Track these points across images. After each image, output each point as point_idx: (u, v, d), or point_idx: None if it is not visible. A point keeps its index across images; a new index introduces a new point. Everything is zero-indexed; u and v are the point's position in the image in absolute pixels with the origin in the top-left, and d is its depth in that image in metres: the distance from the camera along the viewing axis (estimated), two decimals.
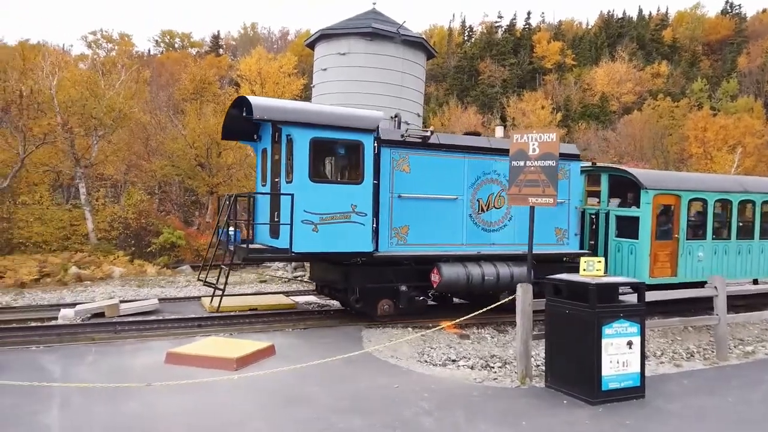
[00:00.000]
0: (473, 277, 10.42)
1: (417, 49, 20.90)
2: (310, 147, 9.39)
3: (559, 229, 11.71)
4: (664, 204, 12.45)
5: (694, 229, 12.96)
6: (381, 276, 10.29)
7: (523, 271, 10.70)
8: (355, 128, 9.72)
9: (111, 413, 5.70)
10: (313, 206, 9.34)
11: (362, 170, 9.75)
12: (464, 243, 10.91)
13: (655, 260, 11.90)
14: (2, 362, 7.42)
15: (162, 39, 72.84)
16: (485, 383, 7.22)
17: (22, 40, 30.40)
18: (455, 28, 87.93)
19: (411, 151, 10.41)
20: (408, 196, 10.31)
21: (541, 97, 59.36)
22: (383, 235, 10.16)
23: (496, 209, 11.23)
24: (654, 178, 12.42)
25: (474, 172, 11.01)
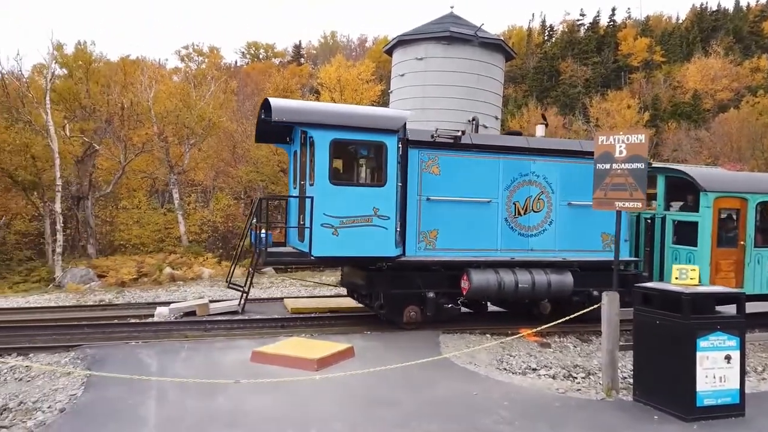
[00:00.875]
0: (505, 284, 9.94)
1: (495, 51, 20.63)
2: (330, 148, 9.19)
3: (606, 234, 10.95)
4: (727, 208, 11.34)
5: (765, 236, 11.74)
6: (407, 282, 9.98)
7: (563, 279, 10.30)
8: (378, 129, 9.43)
9: (203, 407, 6.03)
10: (333, 209, 9.13)
11: (385, 172, 9.45)
12: (499, 248, 10.44)
13: (717, 270, 10.88)
14: (106, 355, 8.03)
15: (247, 50, 76.10)
16: (568, 394, 7.00)
17: (123, 56, 32.78)
18: (535, 28, 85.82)
19: (441, 152, 10.08)
20: (437, 199, 10.00)
21: (627, 96, 56.70)
22: (410, 239, 9.90)
23: (534, 213, 10.65)
24: (715, 180, 11.39)
25: (510, 174, 10.51)
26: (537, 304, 10.84)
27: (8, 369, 7.76)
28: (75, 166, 22.26)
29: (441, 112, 19.54)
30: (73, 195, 22.69)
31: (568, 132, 55.20)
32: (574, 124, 55.04)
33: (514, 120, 57.29)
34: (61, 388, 6.70)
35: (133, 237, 21.86)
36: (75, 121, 22.53)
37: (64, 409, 6.01)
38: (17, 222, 24.04)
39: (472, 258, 10.14)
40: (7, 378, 7.54)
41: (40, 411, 6.07)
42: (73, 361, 7.92)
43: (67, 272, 18.43)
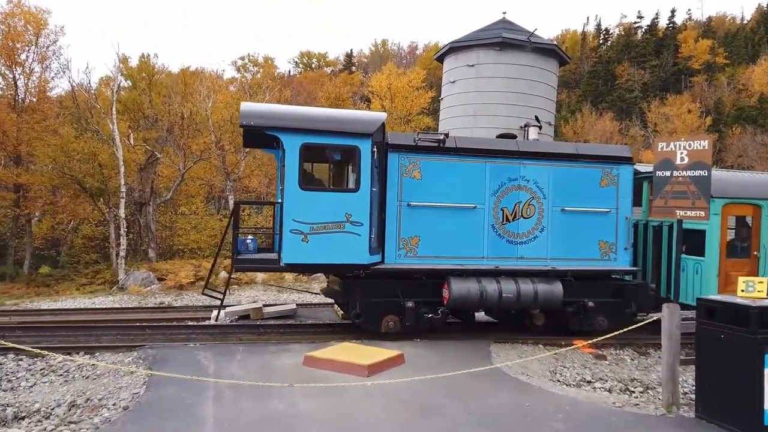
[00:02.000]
0: (488, 294, 9.49)
1: (548, 56, 20.32)
2: (301, 153, 8.94)
3: (603, 242, 10.42)
4: (738, 215, 10.58)
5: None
6: (386, 290, 9.65)
7: (552, 289, 9.78)
8: (351, 132, 9.12)
9: (257, 409, 6.17)
10: (302, 215, 8.89)
11: (359, 177, 9.14)
12: (485, 256, 10.01)
13: (727, 282, 10.12)
14: (166, 356, 8.35)
15: (300, 60, 77.65)
16: (625, 408, 6.78)
17: (183, 68, 34.10)
18: (589, 31, 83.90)
19: (423, 156, 9.76)
20: (418, 205, 9.69)
21: (688, 100, 54.56)
22: (390, 246, 9.62)
23: (524, 219, 10.17)
24: (724, 184, 10.57)
25: (497, 178, 10.09)
26: (530, 315, 10.44)
27: (76, 367, 8.18)
28: (138, 173, 23.30)
29: (493, 119, 19.39)
30: (136, 201, 23.75)
31: (624, 138, 53.63)
32: (631, 130, 53.45)
33: (567, 126, 56.13)
34: (125, 387, 7.01)
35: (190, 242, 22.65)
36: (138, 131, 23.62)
37: (127, 407, 6.28)
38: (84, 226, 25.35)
39: (455, 266, 9.75)
40: (75, 375, 7.94)
41: (105, 408, 6.36)
42: (136, 361, 8.26)
43: (130, 275, 19.27)
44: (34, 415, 6.33)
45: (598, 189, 10.42)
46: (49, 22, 29.36)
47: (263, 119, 9.20)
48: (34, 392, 7.27)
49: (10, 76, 28.95)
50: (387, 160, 9.66)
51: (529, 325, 10.46)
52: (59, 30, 29.90)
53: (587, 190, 10.39)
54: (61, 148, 25.28)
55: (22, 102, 28.69)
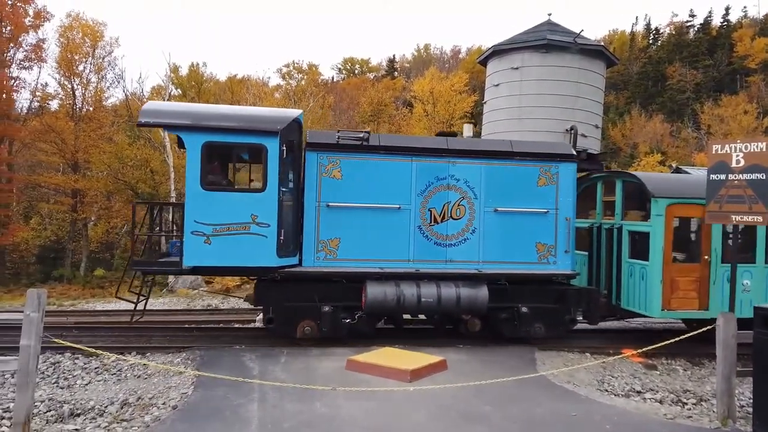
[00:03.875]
0: (406, 298, 9.14)
1: (595, 57, 19.84)
2: (203, 152, 8.61)
3: (541, 244, 9.87)
4: (685, 216, 9.83)
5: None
6: (304, 294, 9.29)
7: (476, 293, 9.35)
8: (256, 130, 8.79)
9: (301, 411, 6.24)
10: (205, 216, 8.55)
11: (265, 177, 8.77)
12: (411, 259, 9.59)
13: (674, 288, 9.47)
14: (213, 357, 8.55)
15: (343, 66, 78.41)
16: (677, 420, 6.54)
17: (230, 76, 34.97)
18: (638, 31, 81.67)
19: (344, 155, 9.39)
20: (338, 206, 9.34)
21: (744, 101, 52.35)
22: (308, 248, 9.29)
23: (454, 220, 9.69)
24: (669, 184, 9.94)
25: (424, 178, 9.64)
26: (464, 321, 9.98)
27: (128, 366, 8.47)
28: None
29: (538, 122, 19.07)
30: None
31: (675, 140, 51.90)
32: (683, 132, 51.70)
33: (615, 128, 54.75)
34: (174, 387, 7.21)
35: None
36: None
37: (176, 406, 6.46)
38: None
39: (372, 269, 9.39)
40: (127, 375, 8.23)
41: (155, 407, 6.56)
42: (185, 362, 8.50)
43: (179, 278, 19.82)
44: (88, 412, 6.58)
45: (536, 188, 9.92)
46: (105, 34, 30.69)
47: (162, 118, 8.97)
48: (89, 390, 7.56)
49: (68, 87, 30.41)
50: (305, 160, 9.36)
51: (464, 331, 10.04)
52: (114, 41, 31.26)
53: (523, 189, 9.90)
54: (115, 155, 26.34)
55: (79, 111, 30.10)
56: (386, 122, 31.83)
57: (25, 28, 28.23)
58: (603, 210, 11.22)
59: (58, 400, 6.94)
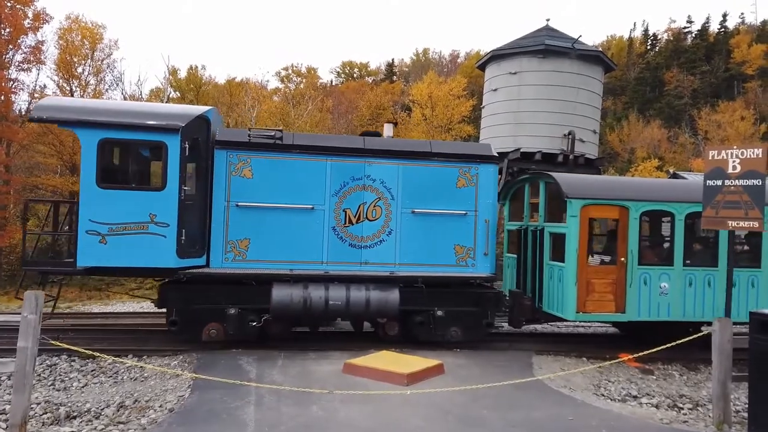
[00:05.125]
0: (312, 301, 8.98)
1: (593, 63, 19.98)
2: (99, 149, 8.38)
3: (460, 246, 9.73)
4: (602, 217, 9.79)
5: (655, 252, 10.03)
6: (211, 296, 9.06)
7: (386, 296, 9.19)
8: (156, 127, 8.52)
9: (297, 415, 6.24)
10: (100, 215, 8.30)
11: (165, 175, 8.53)
12: (325, 261, 9.42)
13: (589, 290, 9.36)
14: (210, 360, 8.54)
15: (342, 70, 78.54)
16: (673, 425, 6.56)
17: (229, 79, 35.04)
18: (636, 37, 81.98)
19: (255, 153, 9.22)
20: (249, 206, 9.16)
21: (741, 107, 52.57)
22: (216, 249, 9.08)
23: (369, 221, 9.53)
24: (584, 184, 9.81)
25: (339, 178, 9.49)
26: (381, 325, 9.79)
27: (125, 369, 8.46)
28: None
29: (536, 127, 19.16)
30: None
31: (673, 146, 52.06)
32: (680, 138, 51.86)
33: (613, 133, 54.89)
34: (171, 389, 7.21)
35: None
36: None
37: (173, 409, 6.45)
38: None
39: (280, 271, 9.21)
40: (123, 377, 8.22)
41: (152, 410, 6.55)
42: (181, 365, 8.49)
43: None
44: (85, 414, 6.57)
45: (455, 190, 9.77)
46: (104, 37, 30.72)
47: (56, 113, 8.69)
48: (85, 392, 7.55)
49: (67, 89, 30.40)
50: (213, 158, 9.16)
51: (382, 335, 9.86)
52: (113, 44, 31.29)
53: (442, 190, 9.74)
54: None
55: None
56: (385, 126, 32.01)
57: (24, 30, 28.23)
58: (530, 212, 11.14)
59: (55, 402, 6.94)
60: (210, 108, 9.69)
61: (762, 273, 9.79)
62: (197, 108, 9.54)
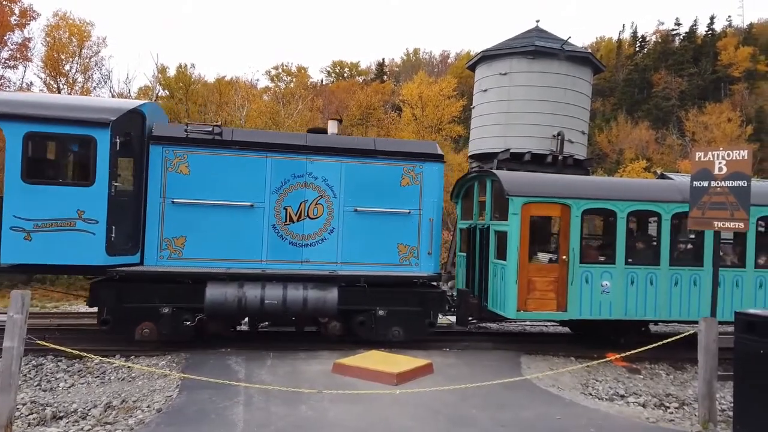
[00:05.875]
0: (247, 300, 8.80)
1: (582, 64, 20.09)
2: (24, 143, 8.16)
3: (404, 245, 9.65)
4: (543, 215, 9.82)
5: (597, 250, 10.06)
6: (145, 295, 8.86)
7: (324, 296, 9.05)
8: (84, 121, 8.32)
9: (287, 414, 6.23)
10: (25, 211, 8.09)
11: (94, 170, 8.31)
12: (264, 259, 9.31)
13: (530, 288, 9.36)
14: (199, 360, 8.50)
15: (333, 69, 78.42)
16: (660, 424, 6.62)
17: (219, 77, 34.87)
18: (625, 39, 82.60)
19: (192, 149, 9.07)
20: (185, 202, 9.00)
21: (728, 109, 53.22)
22: (150, 247, 8.94)
23: (311, 219, 9.43)
24: (525, 182, 9.80)
25: (280, 175, 9.37)
26: (324, 325, 9.61)
27: (112, 369, 8.39)
28: None
29: (526, 128, 19.24)
30: None
31: (661, 147, 52.51)
32: (668, 139, 52.32)
33: (602, 134, 55.26)
34: (159, 390, 7.16)
35: None
36: None
37: (161, 410, 6.41)
38: None
39: (218, 269, 9.07)
40: (111, 377, 8.15)
41: (139, 410, 6.51)
42: (170, 365, 8.43)
43: None
44: (71, 415, 6.51)
45: (399, 188, 9.71)
46: (92, 34, 30.45)
47: None
48: (71, 393, 7.48)
49: (54, 86, 30.10)
50: (148, 154, 8.99)
51: (324, 334, 9.71)
52: (101, 41, 31.03)
53: (385, 189, 9.67)
54: None
55: None
56: (375, 126, 31.92)
57: (11, 26, 27.96)
58: (479, 210, 11.11)
59: (41, 402, 6.87)
60: (145, 102, 9.61)
61: (704, 272, 9.77)
62: (130, 102, 9.41)
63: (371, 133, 29.89)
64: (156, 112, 10.07)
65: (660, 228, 9.77)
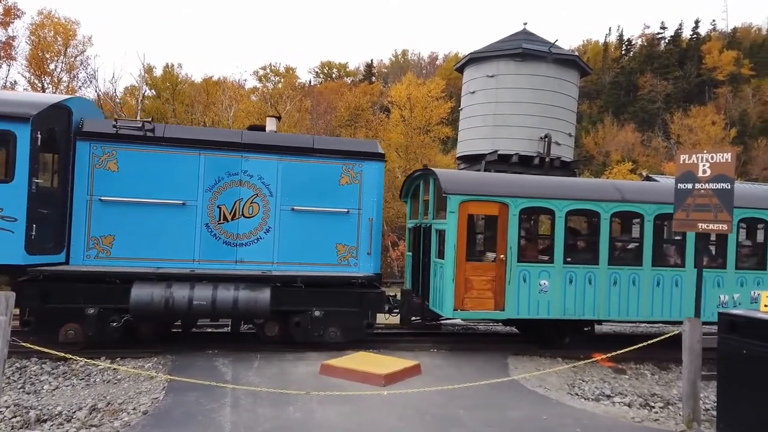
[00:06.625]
0: (175, 301, 8.54)
1: (569, 67, 20.27)
2: None
3: (342, 245, 9.54)
4: (482, 213, 9.83)
5: (535, 249, 10.11)
6: (67, 295, 8.57)
7: (255, 296, 8.79)
8: (5, 116, 8.07)
9: (274, 416, 6.21)
10: None
11: (12, 166, 8.05)
12: (196, 259, 9.12)
13: (467, 287, 9.27)
14: (186, 362, 8.45)
15: (321, 70, 78.31)
16: (645, 423, 6.69)
17: (206, 77, 34.67)
18: (611, 42, 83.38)
19: (121, 145, 8.85)
20: (113, 200, 8.80)
21: (712, 112, 53.91)
22: (77, 245, 8.72)
23: (246, 218, 9.26)
24: (463, 180, 9.76)
25: (214, 173, 9.19)
26: (260, 326, 9.42)
27: (97, 371, 8.30)
28: None
29: (513, 130, 19.36)
30: None
31: (646, 149, 53.03)
32: (653, 141, 52.86)
33: (588, 136, 55.71)
34: (145, 392, 7.10)
35: None
36: None
37: (147, 412, 6.36)
38: None
39: (146, 269, 8.85)
40: (96, 380, 8.06)
41: (125, 412, 6.44)
42: (156, 366, 8.37)
43: None
44: (56, 417, 6.43)
45: (337, 187, 9.58)
46: (77, 33, 30.14)
47: None
48: (56, 395, 7.39)
49: (39, 85, 29.76)
50: (75, 150, 8.77)
51: (262, 336, 9.52)
52: (87, 40, 30.72)
53: (324, 187, 9.54)
54: None
55: None
56: (363, 127, 31.92)
57: None
58: (424, 209, 10.98)
59: (24, 405, 6.78)
60: (72, 97, 9.36)
61: (643, 271, 9.86)
62: (54, 96, 9.22)
63: (360, 135, 29.89)
64: (86, 107, 9.81)
65: (599, 227, 9.76)
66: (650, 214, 9.88)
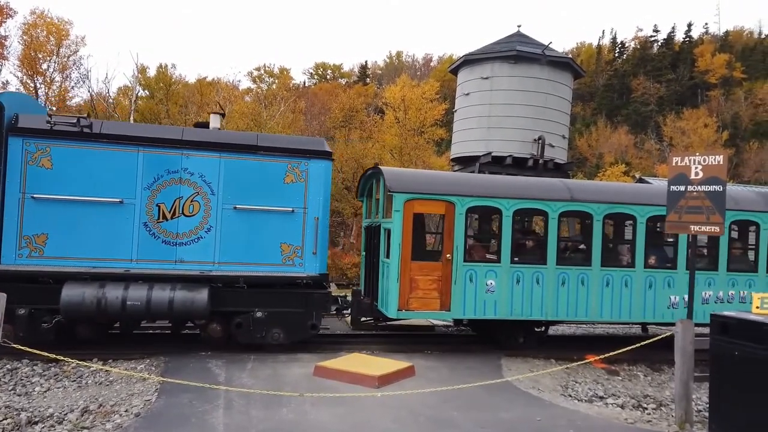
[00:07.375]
0: (108, 301, 8.36)
1: (563, 69, 20.33)
2: None
3: (287, 245, 9.30)
4: (426, 213, 9.74)
5: (483, 249, 10.02)
6: None
7: (192, 297, 8.62)
8: None
9: (267, 418, 6.19)
10: None
11: None
12: (134, 258, 8.87)
13: (413, 287, 9.16)
14: (178, 364, 8.41)
15: (315, 71, 78.29)
16: (638, 425, 6.71)
17: (199, 78, 34.57)
18: (605, 45, 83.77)
19: (56, 142, 8.62)
20: (47, 198, 8.59)
21: (704, 115, 54.25)
22: (8, 245, 8.52)
23: (186, 217, 9.04)
24: (409, 179, 9.62)
25: (153, 170, 8.96)
26: (203, 326, 9.26)
27: (90, 373, 8.25)
28: None
29: (507, 132, 19.40)
30: None
31: (639, 151, 53.29)
32: (646, 144, 53.13)
33: (582, 138, 55.93)
34: (137, 393, 7.06)
35: None
36: None
37: (139, 414, 6.33)
38: None
39: (79, 269, 8.64)
40: (88, 381, 8.01)
41: (117, 414, 6.41)
42: (148, 368, 8.33)
43: None
44: (47, 419, 6.39)
45: (282, 185, 9.37)
46: (70, 33, 29.98)
47: None
48: (47, 397, 7.34)
49: (31, 86, 29.58)
50: (7, 146, 8.58)
51: (206, 337, 9.36)
52: (80, 40, 30.56)
53: (268, 186, 9.32)
54: None
55: None
56: (357, 128, 31.92)
57: None
58: (376, 208, 10.82)
59: (16, 407, 6.72)
60: (5, 92, 9.23)
61: (592, 272, 9.82)
62: None
63: (353, 136, 29.89)
64: (24, 102, 9.57)
65: (547, 227, 9.67)
66: (599, 214, 9.80)
